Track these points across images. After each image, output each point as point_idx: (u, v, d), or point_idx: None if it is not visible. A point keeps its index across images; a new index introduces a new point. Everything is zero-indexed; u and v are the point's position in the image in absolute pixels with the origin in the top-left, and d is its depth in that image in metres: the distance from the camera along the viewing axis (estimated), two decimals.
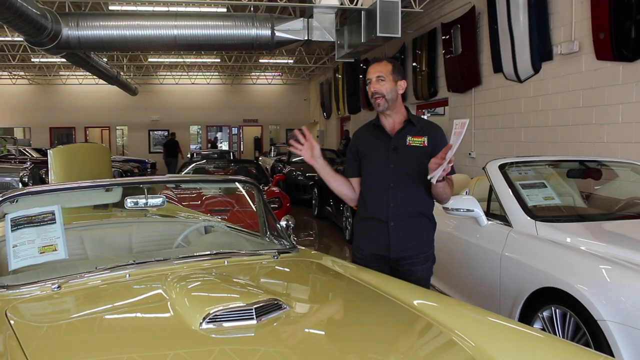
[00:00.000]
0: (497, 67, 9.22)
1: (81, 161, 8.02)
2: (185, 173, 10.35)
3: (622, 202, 4.35)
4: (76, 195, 2.99)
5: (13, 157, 14.72)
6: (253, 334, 1.82)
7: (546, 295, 3.14)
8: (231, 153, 18.91)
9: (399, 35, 9.63)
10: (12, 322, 1.97)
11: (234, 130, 28.07)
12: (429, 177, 2.59)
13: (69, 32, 10.05)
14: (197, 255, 2.62)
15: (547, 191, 4.04)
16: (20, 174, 8.94)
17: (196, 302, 1.97)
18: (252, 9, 12.11)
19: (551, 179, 4.39)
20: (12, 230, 2.53)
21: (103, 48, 12.21)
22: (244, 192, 5.95)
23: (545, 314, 3.12)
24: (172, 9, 12.16)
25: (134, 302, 2.22)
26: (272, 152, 20.85)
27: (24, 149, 17.31)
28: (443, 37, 11.32)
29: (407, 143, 2.83)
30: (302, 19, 10.48)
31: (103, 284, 2.34)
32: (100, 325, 2.02)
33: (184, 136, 26.09)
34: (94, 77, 18.77)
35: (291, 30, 10.42)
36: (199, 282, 2.19)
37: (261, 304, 1.91)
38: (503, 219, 3.81)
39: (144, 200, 2.91)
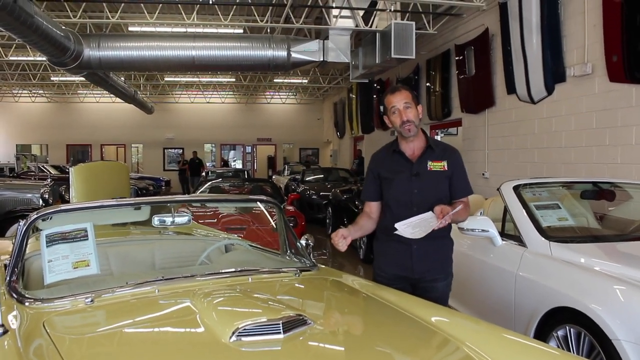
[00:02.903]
0: (511, 89, 9.32)
1: (101, 179, 8.17)
2: (201, 192, 10.50)
3: (636, 223, 4.39)
4: (106, 213, 3.11)
5: (33, 173, 14.97)
6: (280, 348, 1.91)
7: (561, 314, 3.19)
8: (245, 172, 19.08)
9: (413, 56, 9.77)
10: (50, 333, 2.07)
11: (248, 149, 28.30)
12: (397, 229, 2.75)
13: (90, 52, 10.29)
14: (222, 272, 2.72)
15: (561, 212, 4.11)
16: (41, 191, 9.09)
17: (225, 316, 2.07)
18: (268, 30, 12.33)
19: (565, 200, 4.45)
20: (47, 246, 2.64)
21: (123, 68, 12.48)
22: (263, 210, 6.07)
23: (560, 333, 3.18)
24: (190, 30, 12.42)
25: (165, 316, 2.32)
26: (286, 171, 20.99)
27: (43, 166, 17.60)
28: (457, 58, 11.46)
29: (428, 168, 2.92)
30: (317, 40, 10.66)
31: (133, 299, 2.44)
32: (134, 338, 2.12)
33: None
34: (111, 95, 19.12)
35: (307, 51, 10.60)
36: (226, 298, 2.29)
37: (287, 319, 2.00)
38: (517, 239, 3.88)
39: (170, 219, 3.03)
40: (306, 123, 27.63)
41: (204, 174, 18.96)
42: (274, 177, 21.87)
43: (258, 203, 3.90)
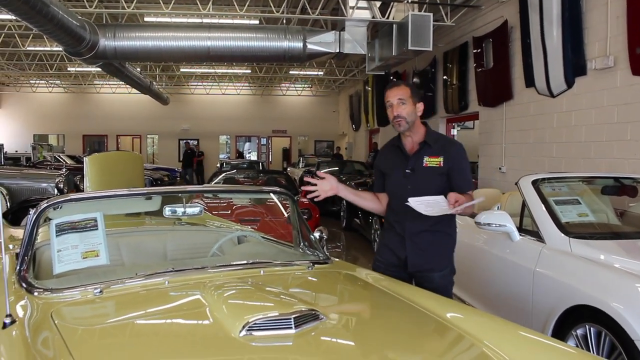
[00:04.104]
0: (529, 82, 9.16)
1: (115, 169, 8.14)
2: (215, 183, 10.49)
3: None
4: (117, 202, 3.07)
5: (49, 163, 15.07)
6: (291, 343, 1.85)
7: (580, 313, 3.11)
8: (260, 163, 19.05)
9: (430, 48, 9.66)
10: (58, 324, 2.03)
11: (263, 141, 28.30)
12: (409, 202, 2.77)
13: (106, 42, 10.30)
14: (233, 265, 2.67)
15: (581, 208, 4.01)
16: (56, 180, 9.13)
17: (236, 310, 2.01)
18: (284, 21, 12.25)
19: (584, 196, 4.34)
20: (56, 236, 2.61)
21: (138, 58, 12.50)
22: (277, 202, 5.98)
23: (580, 332, 3.09)
24: (205, 20, 12.38)
25: (174, 309, 2.27)
26: (301, 163, 20.95)
27: (59, 156, 17.71)
28: (474, 51, 11.30)
29: (424, 164, 2.95)
30: (333, 31, 10.57)
31: (143, 290, 2.40)
32: (142, 330, 2.08)
33: (213, 146, 26.41)
34: (127, 86, 19.19)
35: (323, 42, 10.51)
36: (237, 291, 2.24)
37: (299, 314, 1.95)
38: (536, 234, 3.78)
39: (182, 209, 2.99)
40: (321, 115, 27.54)
41: (218, 165, 18.92)
42: (288, 169, 21.82)
43: (272, 195, 3.84)
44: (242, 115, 26.89)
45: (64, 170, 9.99)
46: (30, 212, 2.80)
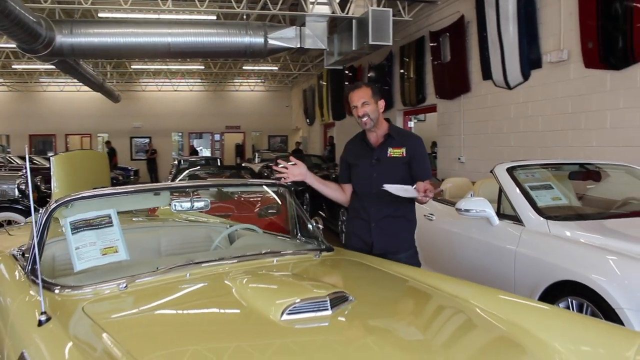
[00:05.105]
0: (487, 75, 9.50)
1: (82, 168, 8.00)
2: (180, 180, 10.46)
3: (619, 202, 4.61)
4: (127, 199, 3.13)
5: (2, 164, 14.58)
6: (328, 324, 1.98)
7: (561, 288, 3.37)
8: (217, 160, 18.93)
9: (391, 43, 9.91)
10: (95, 319, 2.08)
11: (217, 137, 28.05)
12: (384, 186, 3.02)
13: (63, 39, 10.04)
14: (248, 255, 2.77)
15: (554, 192, 4.29)
16: (17, 182, 8.93)
17: (271, 295, 2.13)
18: (244, 17, 12.24)
19: (552, 181, 4.63)
20: (72, 233, 2.65)
21: (96, 55, 12.26)
22: (248, 197, 6.03)
23: (562, 305, 3.35)
24: (162, 16, 12.23)
25: (208, 298, 2.36)
26: (257, 159, 20.95)
27: (10, 157, 17.13)
28: (431, 45, 11.59)
29: (388, 155, 3.24)
30: (294, 27, 10.65)
31: (168, 283, 2.47)
32: (185, 318, 2.15)
33: (166, 143, 26.03)
34: (76, 84, 18.62)
35: (284, 38, 10.58)
36: (265, 278, 2.36)
37: (333, 296, 2.08)
38: (514, 218, 4.04)
39: (189, 204, 3.07)
40: (274, 110, 27.52)
41: (175, 162, 18.62)
42: (243, 164, 21.74)
43: (265, 187, 3.96)
44: (194, 112, 26.57)
45: (24, 171, 9.73)
46: (40, 211, 2.83)
